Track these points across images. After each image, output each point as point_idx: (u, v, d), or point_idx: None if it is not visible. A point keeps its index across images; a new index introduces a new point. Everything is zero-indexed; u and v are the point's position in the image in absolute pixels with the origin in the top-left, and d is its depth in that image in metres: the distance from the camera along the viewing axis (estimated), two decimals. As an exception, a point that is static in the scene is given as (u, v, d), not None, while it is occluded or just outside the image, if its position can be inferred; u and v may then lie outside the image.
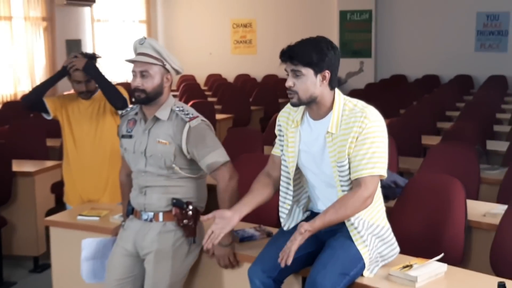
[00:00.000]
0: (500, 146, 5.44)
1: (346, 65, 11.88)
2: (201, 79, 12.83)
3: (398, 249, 2.73)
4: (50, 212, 4.53)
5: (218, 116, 7.78)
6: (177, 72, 2.98)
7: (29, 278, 4.74)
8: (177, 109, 2.92)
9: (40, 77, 9.95)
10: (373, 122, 2.52)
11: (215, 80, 12.26)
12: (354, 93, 8.93)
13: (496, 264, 3.01)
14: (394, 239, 2.72)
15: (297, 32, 11.34)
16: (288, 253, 2.44)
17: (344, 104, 2.59)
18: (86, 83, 3.79)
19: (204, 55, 13.46)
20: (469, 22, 11.50)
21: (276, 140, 2.82)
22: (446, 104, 7.83)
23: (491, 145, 5.49)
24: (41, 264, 4.86)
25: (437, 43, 11.71)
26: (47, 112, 3.89)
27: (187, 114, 2.90)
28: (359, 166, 2.51)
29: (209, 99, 9.76)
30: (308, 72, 2.53)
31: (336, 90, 2.63)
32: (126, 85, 4.32)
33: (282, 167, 2.76)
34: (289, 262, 2.44)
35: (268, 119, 8.25)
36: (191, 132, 2.85)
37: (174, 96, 3.05)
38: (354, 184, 2.54)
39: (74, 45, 10.60)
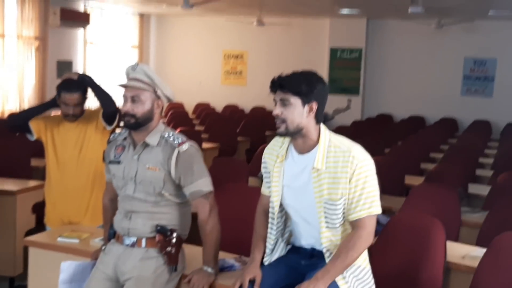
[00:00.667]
0: (482, 190, 5.50)
1: (334, 101, 11.97)
2: (189, 107, 12.88)
3: None
4: (29, 233, 4.49)
5: (205, 145, 7.80)
6: (169, 100, 3.00)
7: (4, 298, 4.68)
8: (167, 135, 2.94)
9: (29, 96, 9.95)
10: (363, 161, 2.55)
11: (203, 109, 12.31)
12: (340, 130, 9.01)
13: (473, 307, 3.02)
14: (373, 282, 2.72)
15: (288, 66, 11.45)
16: None
17: (329, 140, 2.62)
18: (74, 107, 3.79)
19: (194, 83, 13.55)
20: (457, 66, 11.71)
21: (263, 179, 2.85)
22: (430, 146, 7.92)
23: (473, 188, 5.55)
24: (16, 285, 4.80)
25: (425, 85, 11.88)
26: (30, 133, 3.89)
27: (177, 139, 2.92)
28: (357, 207, 2.54)
29: (197, 127, 9.79)
30: (296, 101, 2.56)
31: (322, 125, 2.66)
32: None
33: (270, 204, 2.78)
34: None
35: (254, 151, 8.29)
36: (180, 157, 2.86)
37: (162, 122, 3.07)
38: (353, 225, 2.58)
39: (65, 66, 10.63)
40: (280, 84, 2.58)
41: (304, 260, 2.74)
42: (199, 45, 13.69)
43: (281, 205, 2.73)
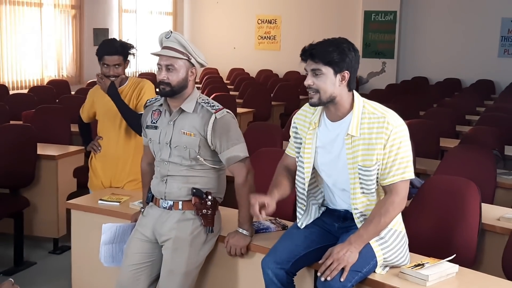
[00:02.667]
0: (518, 152, 5.45)
1: (369, 65, 11.89)
2: (224, 73, 12.91)
3: (409, 256, 2.74)
4: (71, 196, 4.63)
5: (239, 110, 7.84)
6: (202, 65, 3.04)
7: (48, 259, 4.84)
8: (202, 101, 2.98)
9: (67, 64, 10.11)
10: (397, 127, 2.55)
11: (237, 74, 12.33)
12: (375, 93, 8.96)
13: (508, 268, 3.03)
14: (407, 246, 2.74)
15: (322, 30, 11.40)
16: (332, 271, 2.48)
17: (363, 106, 2.62)
18: (114, 67, 3.84)
19: (228, 49, 13.54)
20: (494, 27, 11.43)
21: (290, 140, 2.87)
22: (466, 108, 7.82)
23: (510, 150, 5.48)
24: (60, 246, 4.97)
25: (461, 47, 11.66)
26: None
27: (213, 106, 2.96)
28: (391, 172, 2.56)
29: (231, 93, 9.82)
30: (328, 71, 2.56)
31: (355, 92, 2.66)
32: (151, 76, 4.40)
33: (298, 168, 2.80)
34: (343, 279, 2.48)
35: (288, 115, 8.31)
36: (217, 124, 2.91)
37: (197, 88, 3.12)
38: (386, 190, 2.60)
39: (101, 34, 10.74)
40: (311, 54, 2.57)
41: (337, 223, 2.78)
42: (232, 11, 13.65)
43: (312, 171, 2.75)
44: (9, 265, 4.60)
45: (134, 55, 3.94)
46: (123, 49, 3.84)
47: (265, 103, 8.62)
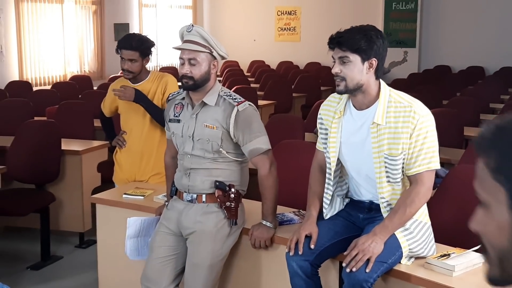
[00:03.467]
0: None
1: (390, 54, 11.65)
2: (244, 65, 12.91)
3: (434, 247, 2.72)
4: (96, 191, 4.69)
5: (260, 102, 7.84)
6: (223, 58, 3.04)
7: (75, 253, 4.91)
8: (224, 94, 2.99)
9: (89, 59, 10.19)
10: (424, 116, 2.53)
11: (258, 67, 12.32)
12: (397, 83, 8.88)
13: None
14: (432, 237, 2.72)
15: (342, 21, 11.31)
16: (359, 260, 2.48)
17: (389, 95, 2.60)
18: (130, 62, 3.85)
19: (248, 41, 13.54)
20: (518, 14, 11.28)
21: (319, 135, 2.86)
22: (490, 96, 7.72)
23: (535, 139, 5.40)
24: (86, 240, 5.03)
25: (483, 34, 11.52)
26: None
27: (235, 98, 2.96)
28: (417, 162, 2.54)
29: (252, 85, 9.82)
30: (355, 58, 2.55)
31: (381, 80, 2.65)
32: (172, 70, 4.42)
33: (325, 159, 2.80)
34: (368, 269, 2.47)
35: (310, 107, 8.28)
36: (239, 116, 2.91)
37: (218, 81, 3.12)
38: (411, 180, 2.58)
39: (122, 29, 10.81)
40: (338, 42, 2.56)
41: (362, 214, 2.77)
42: (252, 3, 13.63)
43: (338, 161, 2.75)
44: (36, 260, 4.67)
45: (151, 53, 3.95)
46: (140, 45, 3.85)
47: (286, 95, 8.61)
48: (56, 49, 9.58)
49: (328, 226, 2.76)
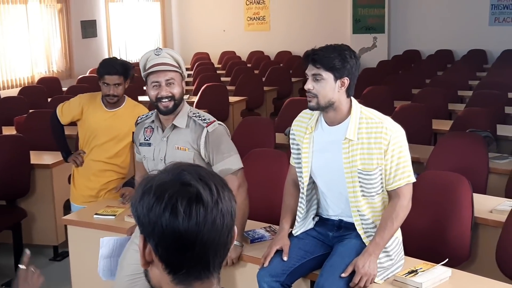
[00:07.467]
0: (511, 131, 5.46)
1: (360, 40, 11.82)
2: (215, 56, 12.84)
3: (403, 261, 2.79)
4: (68, 202, 4.65)
5: (232, 99, 7.83)
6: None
7: (49, 266, 4.87)
8: (193, 115, 2.98)
9: (57, 58, 10.05)
10: (395, 132, 2.62)
11: (229, 58, 12.25)
12: (366, 72, 8.92)
13: (501, 261, 3.07)
14: (403, 252, 2.79)
15: (310, 8, 11.30)
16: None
17: (360, 112, 2.68)
18: (114, 87, 3.85)
19: (218, 32, 13.44)
20: (483, -4, 11.36)
21: (291, 150, 2.90)
22: (458, 83, 7.81)
23: (502, 129, 5.49)
24: (61, 252, 4.99)
25: (451, 17, 11.58)
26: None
27: (204, 119, 2.97)
28: (396, 176, 2.63)
29: (222, 79, 9.79)
30: (328, 76, 2.61)
31: (352, 98, 2.72)
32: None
33: (298, 174, 2.84)
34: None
35: (281, 99, 8.32)
36: (209, 137, 2.92)
37: (189, 75, 3.11)
38: (392, 195, 2.67)
39: (89, 25, 10.68)
40: (313, 59, 2.63)
41: (331, 232, 2.82)
42: (220, -8, 13.52)
43: (310, 176, 2.79)
44: (10, 276, 4.63)
45: (133, 77, 3.96)
46: (123, 68, 3.86)
47: (257, 90, 8.59)
48: (22, 50, 9.42)
49: (298, 246, 2.80)
